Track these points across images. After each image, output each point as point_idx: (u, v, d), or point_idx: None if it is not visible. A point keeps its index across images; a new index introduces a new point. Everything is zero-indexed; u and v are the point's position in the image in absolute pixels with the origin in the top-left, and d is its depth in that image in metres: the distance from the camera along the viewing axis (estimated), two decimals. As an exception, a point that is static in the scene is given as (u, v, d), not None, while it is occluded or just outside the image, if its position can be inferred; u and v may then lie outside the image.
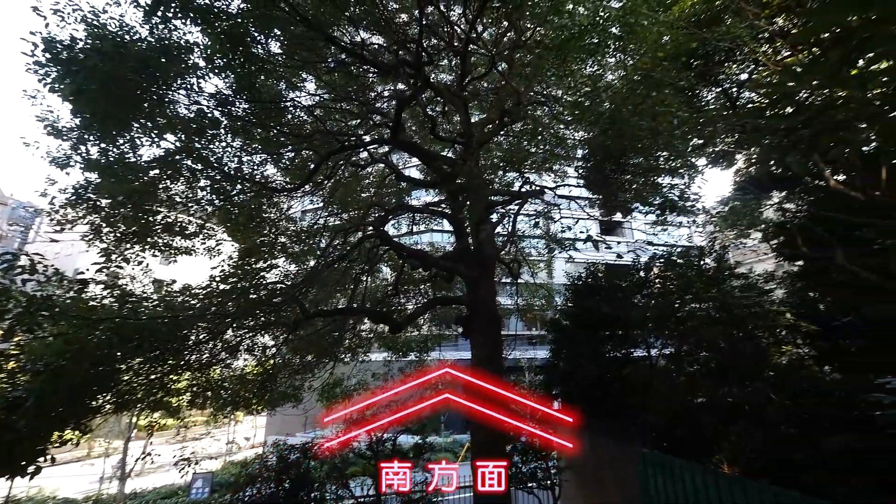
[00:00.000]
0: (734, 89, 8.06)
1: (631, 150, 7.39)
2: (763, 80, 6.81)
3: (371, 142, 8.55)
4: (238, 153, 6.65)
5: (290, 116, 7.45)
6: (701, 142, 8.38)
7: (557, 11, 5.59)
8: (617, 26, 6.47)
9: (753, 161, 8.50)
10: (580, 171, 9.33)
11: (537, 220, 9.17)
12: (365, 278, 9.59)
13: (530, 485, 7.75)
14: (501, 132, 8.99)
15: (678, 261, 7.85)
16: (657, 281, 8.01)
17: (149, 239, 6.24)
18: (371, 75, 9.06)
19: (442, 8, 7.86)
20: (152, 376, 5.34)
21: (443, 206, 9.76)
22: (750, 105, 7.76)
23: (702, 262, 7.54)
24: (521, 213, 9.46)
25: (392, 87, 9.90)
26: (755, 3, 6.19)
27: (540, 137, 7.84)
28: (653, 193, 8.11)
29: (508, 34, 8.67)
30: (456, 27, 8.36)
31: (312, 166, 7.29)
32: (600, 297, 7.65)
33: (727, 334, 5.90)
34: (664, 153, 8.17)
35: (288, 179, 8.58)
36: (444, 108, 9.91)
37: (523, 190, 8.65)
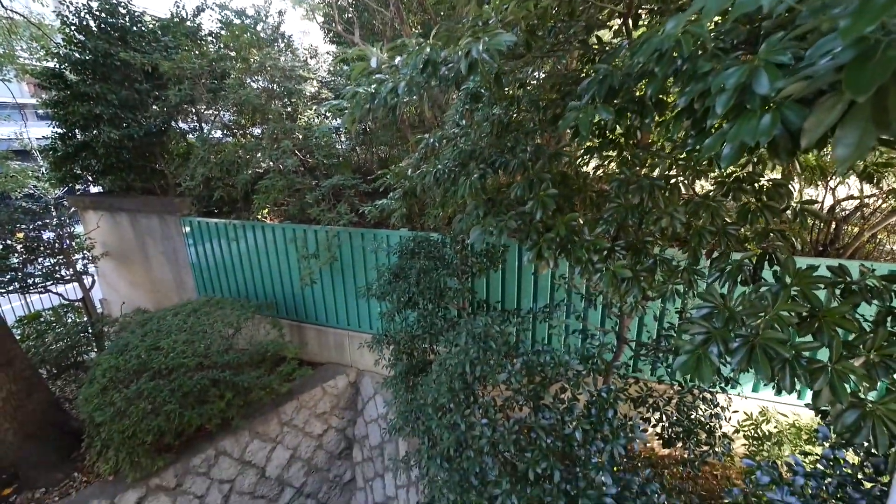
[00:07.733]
0: None
1: None
2: None
3: None
4: None
5: None
6: None
7: None
8: None
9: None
10: None
11: None
12: None
13: (46, 284, 6.21)
14: None
15: (234, 19, 6.89)
16: (210, 38, 6.85)
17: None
18: None
19: None
20: None
21: None
22: None
23: (256, 26, 6.96)
24: None
25: None
26: None
27: None
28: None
29: None
30: None
31: None
32: (124, 42, 5.76)
33: (272, 102, 6.07)
34: None
35: None
36: None
37: None
